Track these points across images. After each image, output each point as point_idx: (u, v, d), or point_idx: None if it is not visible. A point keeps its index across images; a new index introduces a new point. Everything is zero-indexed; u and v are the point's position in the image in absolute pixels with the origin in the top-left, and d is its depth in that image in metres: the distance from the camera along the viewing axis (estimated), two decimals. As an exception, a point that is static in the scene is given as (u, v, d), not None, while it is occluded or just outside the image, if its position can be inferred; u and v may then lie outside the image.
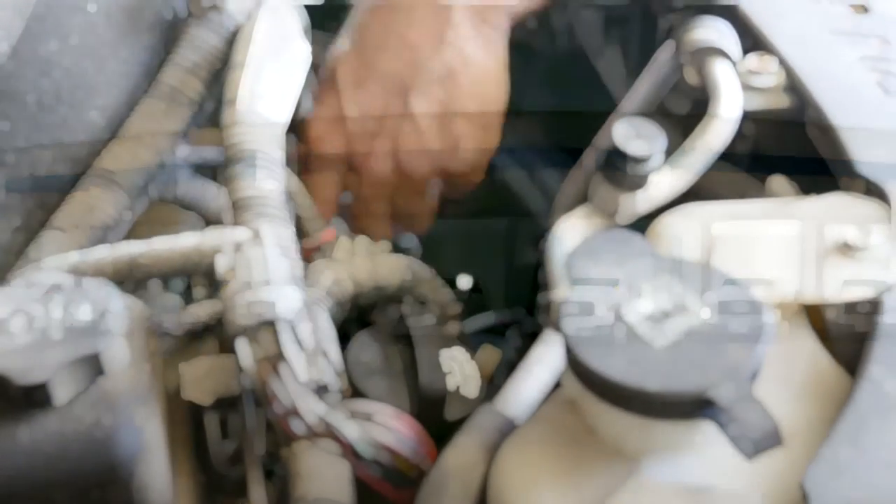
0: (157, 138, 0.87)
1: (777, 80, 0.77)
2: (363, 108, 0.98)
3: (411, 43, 0.97)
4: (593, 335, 0.50)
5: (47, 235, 0.80)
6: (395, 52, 0.97)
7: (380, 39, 0.97)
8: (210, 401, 0.74)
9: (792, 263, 0.63)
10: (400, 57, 0.97)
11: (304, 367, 0.60)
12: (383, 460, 0.59)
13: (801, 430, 0.55)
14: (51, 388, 0.54)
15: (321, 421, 0.58)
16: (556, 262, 0.65)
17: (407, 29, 0.97)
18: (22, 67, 0.81)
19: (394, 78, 0.97)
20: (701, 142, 0.70)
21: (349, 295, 0.85)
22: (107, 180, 0.83)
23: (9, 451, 0.55)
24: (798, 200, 0.68)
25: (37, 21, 0.83)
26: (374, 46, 0.98)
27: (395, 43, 0.97)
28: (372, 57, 0.98)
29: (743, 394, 0.48)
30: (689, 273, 0.54)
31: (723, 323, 0.51)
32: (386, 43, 0.97)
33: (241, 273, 0.62)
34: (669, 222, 0.66)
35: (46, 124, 0.82)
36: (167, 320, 0.81)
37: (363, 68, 0.98)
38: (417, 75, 0.97)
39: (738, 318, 0.51)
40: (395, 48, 0.97)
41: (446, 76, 0.98)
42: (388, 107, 0.97)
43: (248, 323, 0.59)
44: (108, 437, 0.55)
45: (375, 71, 0.97)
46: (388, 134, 0.98)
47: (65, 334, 0.56)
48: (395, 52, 0.97)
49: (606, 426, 0.52)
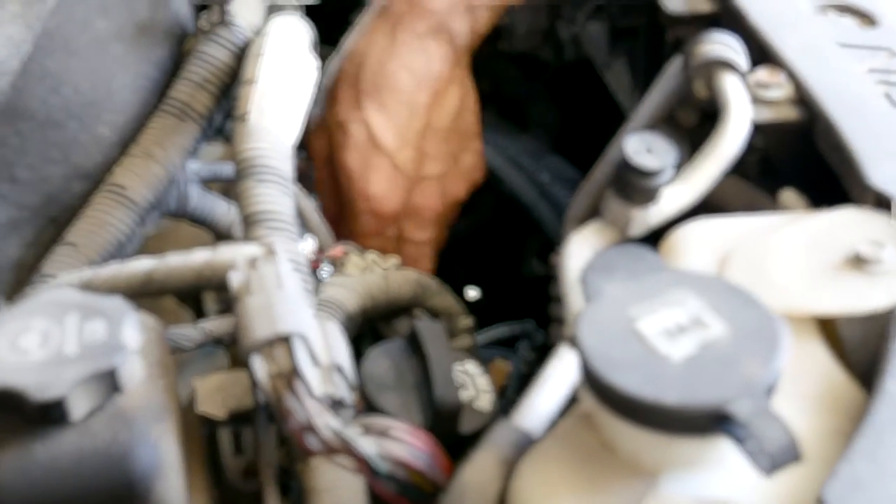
0: (167, 154, 0.87)
1: (785, 92, 0.77)
2: (419, 161, 0.99)
3: (435, 89, 1.01)
4: (609, 350, 0.50)
5: (60, 251, 0.81)
6: (428, 98, 1.00)
7: (409, 91, 1.00)
8: (223, 415, 0.74)
9: (805, 277, 0.63)
10: (433, 102, 1.00)
11: (319, 382, 0.60)
12: (399, 476, 0.59)
13: (815, 444, 0.55)
14: (67, 405, 0.54)
15: (336, 436, 0.58)
16: (569, 276, 0.65)
17: (428, 76, 1.01)
18: (32, 84, 0.82)
19: (433, 125, 1.00)
20: (711, 155, 0.70)
21: (361, 309, 0.85)
22: (118, 196, 0.84)
23: (25, 468, 0.55)
24: (810, 214, 0.68)
25: (47, 37, 0.83)
26: (406, 100, 1.00)
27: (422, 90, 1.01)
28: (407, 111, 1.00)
29: (760, 408, 0.48)
30: (704, 287, 0.54)
31: (738, 337, 0.51)
32: (415, 94, 1.00)
33: (255, 288, 0.62)
34: (682, 236, 0.66)
35: (57, 140, 0.83)
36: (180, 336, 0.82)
37: (403, 123, 0.99)
38: (445, 114, 1.00)
39: (753, 331, 0.51)
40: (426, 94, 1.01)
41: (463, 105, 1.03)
42: (435, 154, 1.01)
43: (263, 338, 0.59)
44: (125, 454, 0.55)
45: (414, 124, 0.99)
46: (442, 174, 1.01)
47: (80, 351, 0.56)
48: (428, 98, 1.00)
49: (623, 441, 0.52)
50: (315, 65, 0.93)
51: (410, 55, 1.00)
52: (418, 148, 0.99)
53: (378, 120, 0.98)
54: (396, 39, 1.00)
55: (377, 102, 0.99)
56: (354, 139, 0.98)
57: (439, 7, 1.00)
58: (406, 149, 0.99)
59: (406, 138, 0.99)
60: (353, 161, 0.98)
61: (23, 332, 0.57)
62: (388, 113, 0.98)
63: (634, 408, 0.49)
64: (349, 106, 0.99)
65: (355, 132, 0.98)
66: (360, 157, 0.98)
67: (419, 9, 1.00)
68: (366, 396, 0.74)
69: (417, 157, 0.99)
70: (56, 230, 0.83)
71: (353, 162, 0.98)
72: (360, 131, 0.98)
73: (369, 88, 0.99)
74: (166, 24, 0.93)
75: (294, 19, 0.95)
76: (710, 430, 0.49)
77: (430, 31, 1.00)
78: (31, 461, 0.55)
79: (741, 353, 0.50)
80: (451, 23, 1.01)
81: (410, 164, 0.99)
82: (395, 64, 0.99)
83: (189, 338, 0.82)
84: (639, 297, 0.53)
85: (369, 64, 1.00)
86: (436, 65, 1.00)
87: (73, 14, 0.86)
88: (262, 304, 0.61)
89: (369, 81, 0.99)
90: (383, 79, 0.99)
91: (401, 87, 0.99)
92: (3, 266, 0.79)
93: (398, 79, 0.99)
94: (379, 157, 0.98)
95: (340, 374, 0.62)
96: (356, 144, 0.98)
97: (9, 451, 0.55)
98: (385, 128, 0.98)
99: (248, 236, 0.78)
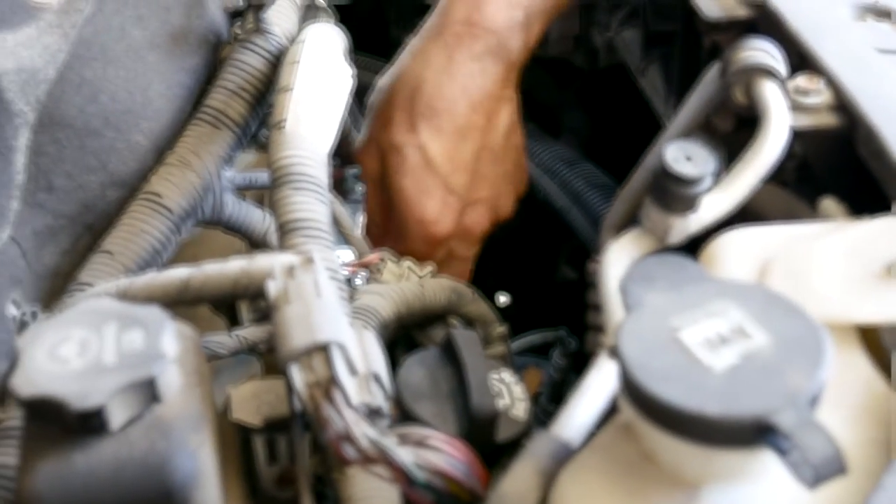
0: (203, 162, 0.88)
1: (824, 99, 0.76)
2: (471, 184, 1.00)
3: (487, 109, 1.02)
4: (651, 360, 0.50)
5: (96, 259, 0.81)
6: (481, 121, 1.01)
7: (464, 115, 1.01)
8: (258, 423, 0.74)
9: (846, 286, 0.63)
10: (486, 125, 1.01)
11: (356, 391, 0.60)
12: (437, 485, 0.59)
13: (858, 456, 0.54)
14: (106, 414, 0.54)
15: (373, 445, 0.58)
16: (609, 285, 0.65)
17: (482, 98, 1.02)
18: (70, 92, 0.82)
19: (487, 147, 1.00)
20: (751, 163, 0.70)
21: (396, 316, 0.85)
22: (154, 204, 0.84)
23: (64, 477, 0.55)
24: (851, 222, 0.68)
25: (84, 46, 0.84)
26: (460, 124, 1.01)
27: (477, 114, 1.01)
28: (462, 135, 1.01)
29: (805, 419, 0.47)
30: (746, 297, 0.53)
31: (782, 347, 0.51)
32: (470, 118, 1.01)
33: (293, 297, 0.62)
34: (722, 245, 0.65)
35: (94, 148, 0.83)
36: (215, 343, 0.82)
37: (458, 148, 1.00)
38: (499, 134, 1.01)
39: (796, 341, 0.51)
40: (480, 118, 1.02)
41: (515, 123, 1.05)
42: (488, 175, 1.02)
43: (301, 347, 0.59)
44: (164, 463, 0.55)
45: (469, 147, 1.00)
46: (494, 195, 1.02)
47: (119, 360, 0.56)
48: (481, 121, 1.01)
49: (664, 453, 0.51)
50: (350, 72, 0.93)
51: (467, 77, 0.99)
52: (472, 171, 0.99)
53: (433, 144, 0.98)
54: (453, 61, 0.99)
55: (433, 126, 0.98)
56: (410, 163, 0.98)
57: (497, 26, 1.00)
58: (460, 172, 0.98)
59: (460, 162, 0.98)
60: (408, 184, 0.98)
61: (62, 341, 0.57)
62: (443, 137, 0.98)
63: (676, 419, 0.49)
64: (404, 129, 0.99)
65: (410, 156, 0.98)
66: (415, 181, 0.98)
67: (477, 29, 0.99)
68: (401, 405, 0.74)
69: (471, 180, 0.99)
70: (91, 238, 0.84)
71: (408, 185, 0.98)
72: (415, 155, 0.98)
73: (425, 112, 0.99)
74: (201, 32, 0.94)
75: (329, 27, 0.95)
76: (753, 441, 0.49)
77: (487, 51, 0.99)
78: (70, 470, 0.55)
79: (785, 364, 0.50)
80: (507, 41, 1.00)
81: (464, 187, 0.99)
82: (451, 87, 0.99)
83: (224, 345, 0.83)
84: (681, 308, 0.52)
85: (425, 87, 0.99)
86: (491, 85, 1.00)
87: (110, 23, 0.87)
88: (301, 312, 0.61)
89: (424, 105, 0.99)
90: (439, 102, 0.98)
91: (456, 111, 0.99)
92: (40, 274, 0.79)
93: (454, 102, 0.99)
94: (433, 180, 0.98)
95: (377, 382, 0.62)
96: (411, 168, 0.98)
97: (48, 460, 0.55)
98: (440, 152, 0.98)
99: (283, 244, 0.78)
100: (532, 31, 1.02)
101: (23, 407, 0.56)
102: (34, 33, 0.81)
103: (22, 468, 0.56)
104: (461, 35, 0.99)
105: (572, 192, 1.24)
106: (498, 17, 0.99)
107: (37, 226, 0.79)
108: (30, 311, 0.75)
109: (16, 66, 0.78)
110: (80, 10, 0.85)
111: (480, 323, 0.93)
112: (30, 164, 0.79)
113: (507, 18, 1.00)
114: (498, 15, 0.99)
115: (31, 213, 0.79)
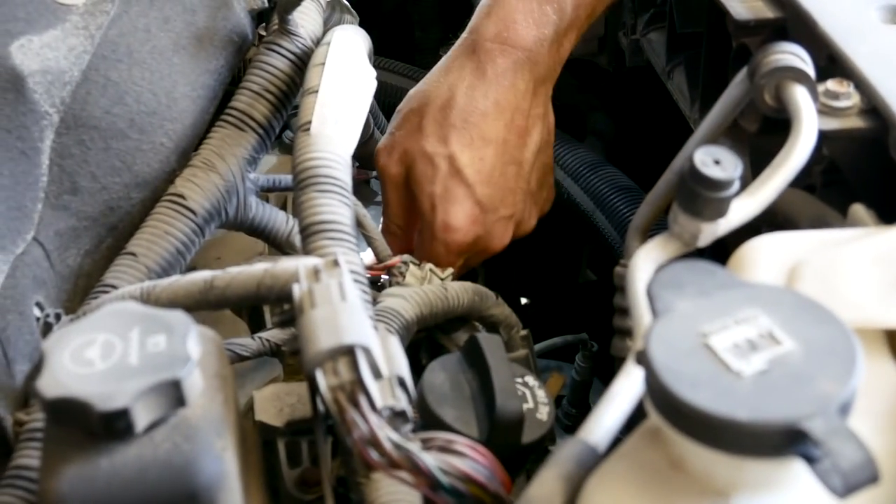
0: (227, 164, 0.88)
1: (854, 102, 0.75)
2: (499, 198, 1.01)
3: (519, 126, 1.02)
4: (679, 366, 0.49)
5: (121, 261, 0.81)
6: (510, 136, 1.01)
7: (494, 129, 1.01)
8: (280, 425, 0.74)
9: (875, 291, 0.62)
10: (516, 142, 1.01)
11: (380, 394, 0.60)
12: (461, 489, 0.58)
13: (889, 463, 0.53)
14: (131, 416, 0.54)
15: (398, 450, 0.57)
16: (637, 290, 0.64)
17: (514, 115, 1.02)
18: (95, 94, 0.82)
19: (514, 162, 1.00)
20: (781, 167, 0.69)
21: (418, 319, 0.85)
22: (179, 206, 0.84)
23: (89, 478, 0.55)
24: (880, 229, 0.67)
25: (110, 48, 0.84)
26: (489, 138, 1.01)
27: (507, 129, 1.02)
28: (492, 148, 1.01)
29: (836, 426, 0.47)
30: (776, 302, 0.52)
31: (813, 353, 0.50)
32: (500, 132, 1.01)
33: (318, 300, 0.62)
34: (751, 250, 0.65)
35: (119, 150, 0.83)
36: (238, 346, 0.82)
37: (487, 160, 1.00)
38: (528, 152, 1.00)
39: (827, 347, 0.50)
40: (509, 133, 1.01)
41: (546, 143, 1.05)
42: (515, 189, 1.02)
43: (327, 350, 0.59)
44: (188, 465, 0.55)
45: (498, 161, 1.01)
46: (517, 212, 1.03)
47: (143, 363, 0.56)
48: (510, 136, 1.01)
49: (693, 460, 0.51)
50: (373, 74, 0.93)
51: (499, 92, 1.00)
52: (500, 185, 1.00)
53: (463, 156, 0.99)
54: (485, 76, 1.00)
55: (464, 138, 0.99)
56: (440, 172, 0.99)
57: (529, 42, 1.00)
58: (487, 185, 0.99)
59: (488, 175, 0.99)
60: (437, 192, 0.99)
61: (87, 344, 0.57)
62: (473, 149, 0.99)
63: (705, 425, 0.48)
64: (435, 139, 1.00)
65: (441, 165, 0.99)
66: (444, 189, 0.99)
67: (510, 45, 1.00)
68: (425, 409, 0.74)
69: (499, 195, 1.00)
70: (115, 239, 0.84)
71: (437, 192, 0.99)
72: (445, 164, 0.99)
73: (456, 123, 0.99)
74: (226, 33, 0.94)
75: (353, 30, 0.95)
76: (783, 448, 0.48)
77: (517, 68, 1.00)
78: (94, 472, 0.55)
79: (815, 370, 0.49)
80: (537, 57, 1.01)
81: (490, 199, 1.00)
82: (484, 102, 1.00)
83: (246, 348, 0.83)
84: (710, 313, 0.52)
85: (457, 100, 1.00)
86: (521, 101, 1.01)
87: (136, 25, 0.87)
88: (327, 315, 0.60)
89: (456, 116, 1.00)
90: (471, 116, 1.00)
91: (487, 125, 1.00)
92: (63, 275, 0.80)
93: (485, 116, 1.00)
94: (462, 190, 0.99)
95: (402, 386, 0.61)
96: (441, 177, 0.99)
97: (73, 461, 0.55)
98: (469, 163, 0.99)
99: (307, 246, 0.77)
100: (563, 47, 1.03)
101: (47, 409, 0.56)
102: (60, 35, 0.81)
103: (45, 470, 0.56)
104: (492, 52, 1.00)
105: (596, 195, 1.24)
106: (528, 34, 1.00)
107: (60, 227, 0.79)
108: (53, 313, 0.75)
109: (41, 67, 0.79)
110: (105, 11, 0.85)
111: (503, 326, 0.93)
112: (54, 166, 0.79)
113: (536, 36, 1.01)
114: (528, 32, 1.00)
115: (55, 214, 0.79)
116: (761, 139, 0.87)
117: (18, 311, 0.73)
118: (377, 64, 1.06)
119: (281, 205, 1.04)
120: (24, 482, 0.66)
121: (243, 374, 0.83)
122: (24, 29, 0.79)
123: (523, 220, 1.04)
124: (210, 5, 0.93)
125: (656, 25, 1.17)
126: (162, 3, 0.89)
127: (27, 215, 0.76)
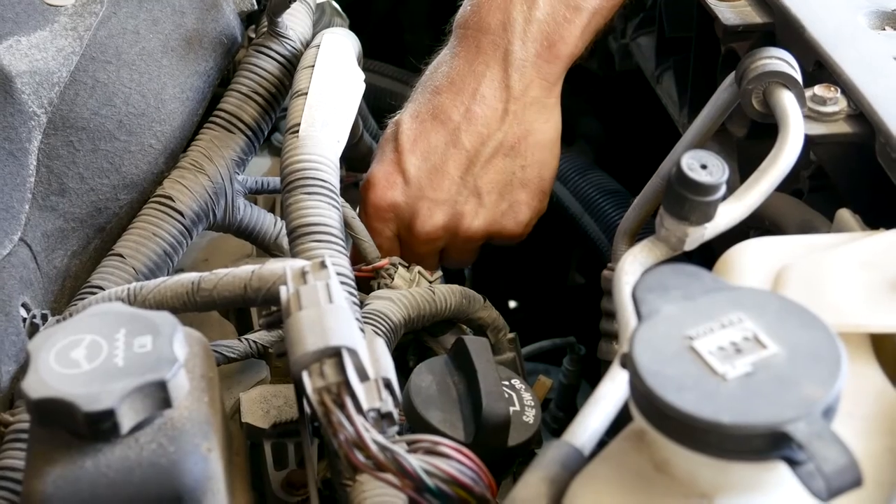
0: (215, 166, 0.87)
1: (841, 107, 0.76)
2: (426, 174, 0.97)
3: (477, 115, 0.96)
4: (664, 369, 0.49)
5: (109, 262, 0.81)
6: (463, 122, 0.97)
7: (446, 111, 0.97)
8: (267, 427, 0.74)
9: (860, 296, 0.62)
10: (467, 129, 0.97)
11: (366, 396, 0.60)
12: (447, 492, 0.58)
13: (871, 466, 0.53)
14: (116, 416, 0.54)
15: (384, 452, 0.57)
16: (623, 294, 0.64)
17: (472, 102, 0.96)
18: (84, 95, 0.82)
19: (460, 148, 0.97)
20: (768, 172, 0.69)
21: (406, 321, 0.85)
22: (166, 207, 0.84)
23: (74, 479, 0.55)
24: (866, 234, 0.67)
25: (99, 49, 0.84)
26: (441, 118, 0.97)
27: (461, 114, 0.97)
28: (438, 127, 0.97)
29: (820, 430, 0.47)
30: (761, 306, 0.53)
31: (797, 357, 0.50)
32: (452, 114, 0.97)
33: (305, 302, 0.62)
34: (738, 255, 0.65)
35: (108, 151, 0.83)
36: (224, 348, 0.82)
37: (428, 136, 0.97)
38: (483, 146, 0.97)
39: (812, 351, 0.50)
40: (462, 119, 0.97)
41: (510, 147, 0.98)
42: (452, 176, 0.97)
43: (314, 352, 0.59)
44: (173, 466, 0.55)
45: (440, 140, 0.97)
46: (450, 201, 0.98)
47: (128, 363, 0.56)
48: (463, 122, 0.97)
49: (677, 462, 0.51)
50: (361, 77, 0.93)
51: (455, 70, 0.98)
52: (436, 165, 0.97)
53: (407, 124, 0.97)
54: (455, 56, 0.99)
55: (416, 110, 0.98)
56: (386, 134, 0.98)
57: (494, 25, 0.98)
58: (419, 158, 0.97)
59: (426, 152, 0.97)
60: (376, 151, 0.98)
61: (73, 345, 0.57)
62: (420, 122, 0.97)
63: (689, 427, 0.48)
64: (403, 111, 0.98)
65: (389, 129, 0.98)
66: (380, 148, 0.99)
67: (473, 28, 0.98)
68: (412, 411, 0.74)
69: (428, 173, 0.96)
70: (102, 240, 0.84)
71: (376, 152, 0.98)
72: (391, 129, 0.98)
73: (417, 97, 0.98)
74: (215, 35, 0.94)
75: (342, 32, 0.95)
76: (767, 451, 0.48)
77: (483, 50, 0.98)
78: (79, 473, 0.55)
79: (800, 374, 0.49)
80: (511, 45, 0.98)
81: (417, 172, 0.96)
82: (441, 79, 0.98)
83: (233, 350, 0.83)
84: (695, 317, 0.52)
85: (424, 76, 0.99)
86: (487, 89, 0.98)
87: (125, 26, 0.87)
88: (313, 317, 0.60)
89: (420, 91, 0.98)
90: (428, 91, 0.98)
91: (441, 101, 0.98)
92: (50, 276, 0.79)
93: (440, 93, 0.98)
94: (391, 155, 0.98)
95: (388, 388, 0.61)
96: (383, 139, 0.98)
97: (58, 462, 0.55)
98: (408, 132, 0.97)
99: (294, 248, 0.77)
100: (555, 46, 0.99)
101: (32, 409, 0.55)
102: (48, 36, 0.81)
103: (29, 471, 0.56)
104: (464, 36, 0.98)
105: (584, 198, 1.24)
106: (493, 18, 0.97)
107: (48, 228, 0.79)
108: (40, 314, 0.75)
109: (29, 68, 0.78)
110: (94, 13, 0.85)
111: (490, 329, 0.93)
112: (42, 167, 0.79)
113: (502, 20, 0.97)
114: (493, 17, 0.97)
115: (42, 215, 0.79)
116: (749, 144, 0.87)
117: (4, 312, 0.72)
118: (366, 67, 1.06)
119: (269, 207, 1.04)
120: (9, 483, 0.66)
121: (230, 376, 0.83)
122: (12, 30, 0.79)
123: (463, 216, 0.98)
124: (199, 7, 0.92)
125: (645, 30, 1.17)
126: (151, 4, 0.89)
127: (14, 216, 0.76)
